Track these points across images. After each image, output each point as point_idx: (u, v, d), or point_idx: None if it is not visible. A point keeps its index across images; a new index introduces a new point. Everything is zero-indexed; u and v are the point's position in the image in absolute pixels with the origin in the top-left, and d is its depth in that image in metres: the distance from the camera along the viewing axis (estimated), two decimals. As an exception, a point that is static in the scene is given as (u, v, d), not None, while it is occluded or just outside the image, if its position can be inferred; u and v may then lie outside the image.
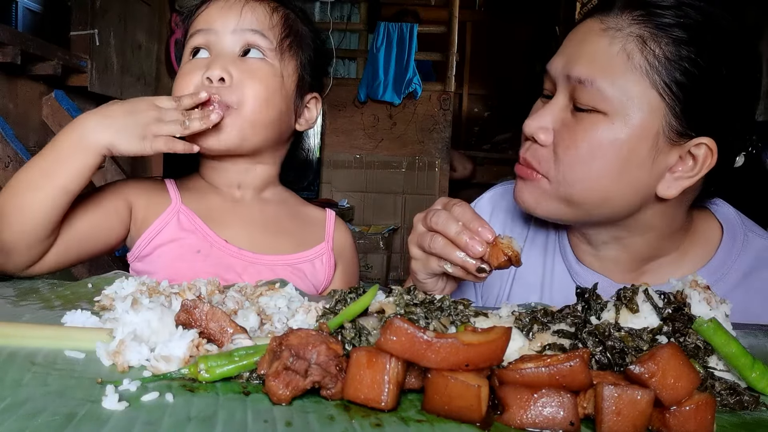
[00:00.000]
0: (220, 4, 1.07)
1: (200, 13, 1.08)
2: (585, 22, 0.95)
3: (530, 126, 0.95)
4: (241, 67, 1.04)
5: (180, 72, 1.07)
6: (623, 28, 0.88)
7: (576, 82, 0.90)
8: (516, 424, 0.51)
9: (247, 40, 1.05)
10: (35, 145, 2.72)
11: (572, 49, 0.93)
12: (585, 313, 0.67)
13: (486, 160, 6.26)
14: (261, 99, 1.03)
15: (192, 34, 1.08)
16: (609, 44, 0.88)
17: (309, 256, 1.12)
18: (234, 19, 1.05)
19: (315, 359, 0.53)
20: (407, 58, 4.85)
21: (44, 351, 0.60)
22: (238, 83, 1.02)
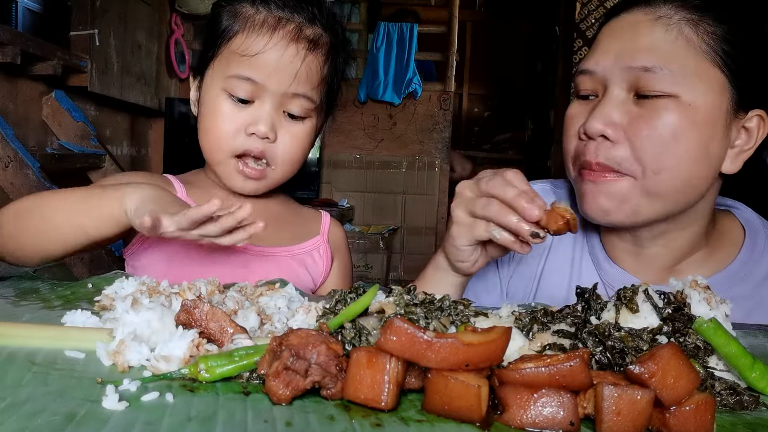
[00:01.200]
0: (276, 53, 1.00)
1: (249, 53, 1.00)
2: (621, 18, 0.96)
3: (595, 125, 0.92)
4: (286, 127, 1.04)
5: (218, 108, 1.02)
6: (672, 15, 0.91)
7: (641, 71, 0.90)
8: (516, 424, 0.51)
9: (296, 105, 1.03)
10: (35, 145, 2.73)
11: (622, 43, 0.93)
12: (585, 313, 0.67)
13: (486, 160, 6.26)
14: (296, 161, 1.08)
15: (236, 75, 1.00)
16: (665, 31, 0.90)
17: (307, 248, 1.16)
18: (289, 80, 1.01)
19: (315, 359, 0.53)
20: (407, 58, 4.85)
21: (44, 351, 0.60)
22: (281, 143, 1.04)
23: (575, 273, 1.08)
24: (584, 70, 0.97)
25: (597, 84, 0.95)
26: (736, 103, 0.91)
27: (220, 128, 1.03)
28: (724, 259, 1.02)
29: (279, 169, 1.06)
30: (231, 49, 1.02)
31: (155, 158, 3.94)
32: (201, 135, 1.06)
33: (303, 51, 1.01)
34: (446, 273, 0.98)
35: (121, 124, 3.58)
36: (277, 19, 1.01)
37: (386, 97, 4.90)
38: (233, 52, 1.01)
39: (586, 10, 5.24)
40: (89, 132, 2.92)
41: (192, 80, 1.12)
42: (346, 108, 5.04)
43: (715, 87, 0.90)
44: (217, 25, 1.05)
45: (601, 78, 0.94)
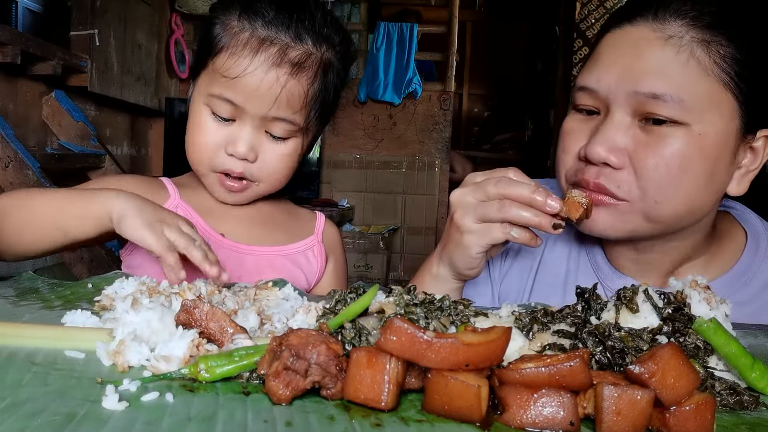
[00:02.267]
0: (255, 78, 0.98)
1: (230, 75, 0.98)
2: (625, 30, 0.90)
3: (598, 152, 0.88)
4: (267, 146, 1.03)
5: (200, 122, 1.02)
6: (683, 34, 0.85)
7: (649, 97, 0.85)
8: (516, 424, 0.51)
9: (278, 128, 1.02)
10: (35, 145, 2.73)
11: (627, 60, 0.87)
12: (585, 313, 0.67)
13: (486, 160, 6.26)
14: (281, 178, 1.08)
15: (217, 95, 1.00)
16: (676, 54, 0.85)
17: (301, 247, 1.16)
18: (268, 105, 0.99)
19: (315, 359, 0.53)
20: (407, 58, 4.85)
21: (44, 351, 0.60)
22: (262, 163, 1.04)
23: (572, 272, 1.06)
24: (585, 87, 0.92)
25: (598, 101, 0.91)
26: (745, 126, 0.88)
27: (201, 142, 1.03)
28: (725, 263, 1.00)
29: (263, 184, 1.07)
30: (215, 66, 1.01)
31: (155, 158, 3.94)
32: (186, 145, 1.07)
33: (284, 76, 0.99)
34: (446, 281, 0.96)
35: (121, 124, 3.58)
36: (260, 41, 0.99)
37: (386, 97, 4.90)
38: (216, 71, 1.00)
39: (586, 10, 5.24)
40: (89, 132, 2.92)
41: (191, 82, 1.13)
42: (346, 108, 5.03)
43: (725, 113, 0.86)
44: (209, 32, 1.04)
45: (604, 97, 0.89)
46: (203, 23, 1.09)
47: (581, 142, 0.92)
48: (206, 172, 1.06)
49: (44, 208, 0.92)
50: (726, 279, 0.99)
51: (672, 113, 0.85)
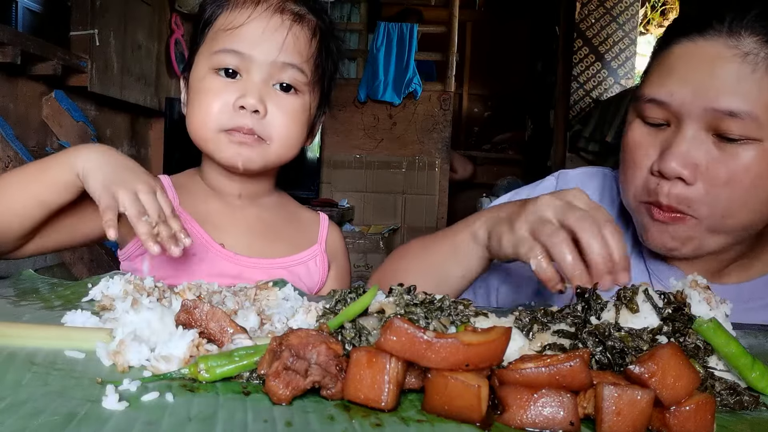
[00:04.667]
0: (260, 24, 0.99)
1: (234, 26, 0.99)
2: (698, 44, 0.88)
3: (673, 167, 0.88)
4: (276, 101, 1.01)
5: (205, 86, 1.01)
6: (758, 51, 0.85)
7: (725, 114, 0.85)
8: (516, 424, 0.51)
9: (286, 76, 1.01)
10: (35, 145, 2.73)
11: (701, 77, 0.87)
12: (585, 313, 0.67)
13: (486, 160, 6.27)
14: (291, 137, 1.04)
15: (222, 49, 0.99)
16: (752, 71, 0.84)
17: (303, 258, 1.13)
18: (275, 49, 0.98)
19: (315, 359, 0.53)
20: (407, 58, 4.86)
21: (44, 351, 0.60)
22: (272, 119, 1.01)
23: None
24: (656, 99, 0.91)
25: (669, 114, 0.90)
26: None
27: (207, 105, 1.00)
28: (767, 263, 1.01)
29: (274, 145, 1.02)
30: (215, 28, 1.01)
31: (155, 158, 3.94)
32: (188, 118, 1.04)
33: (288, 21, 1.00)
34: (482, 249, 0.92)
35: (121, 124, 3.58)
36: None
37: (386, 97, 4.91)
38: (218, 30, 1.00)
39: (586, 10, 5.24)
40: (89, 132, 2.92)
41: (182, 82, 1.11)
42: (346, 108, 5.04)
43: None
44: (202, 15, 1.05)
45: (676, 110, 0.89)
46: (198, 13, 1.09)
47: (651, 157, 0.92)
48: (213, 134, 1.01)
49: (18, 182, 0.91)
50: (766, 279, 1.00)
51: (746, 130, 0.85)
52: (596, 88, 5.27)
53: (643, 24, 5.65)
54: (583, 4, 5.23)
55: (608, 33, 5.23)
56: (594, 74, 5.28)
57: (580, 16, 5.24)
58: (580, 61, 5.28)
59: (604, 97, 5.18)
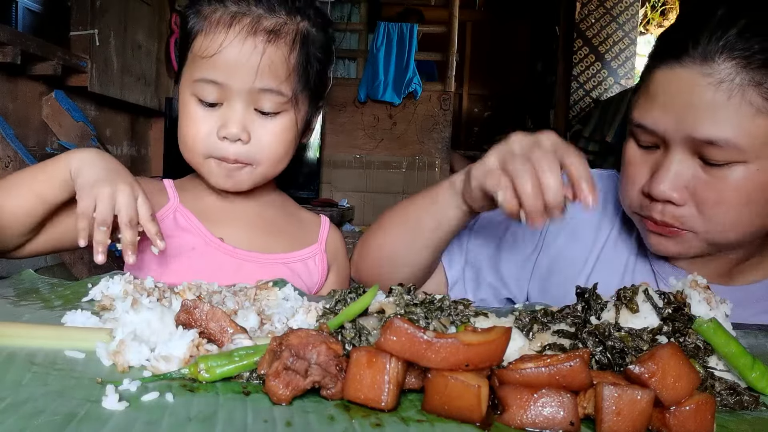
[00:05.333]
0: (233, 50, 0.97)
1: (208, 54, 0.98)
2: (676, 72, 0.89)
3: (662, 190, 0.91)
4: (259, 125, 1.01)
5: (188, 112, 1.01)
6: (734, 77, 0.85)
7: (705, 143, 0.86)
8: (516, 424, 0.51)
9: (265, 101, 1.00)
10: (35, 145, 2.73)
11: (680, 105, 0.88)
12: (585, 313, 0.67)
13: (486, 160, 6.26)
14: (278, 157, 1.04)
15: (200, 79, 0.99)
16: (728, 98, 0.85)
17: (302, 256, 1.13)
18: (251, 76, 0.97)
19: (315, 359, 0.53)
20: (407, 58, 4.86)
21: (44, 351, 0.60)
22: (257, 143, 1.01)
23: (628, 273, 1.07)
24: (643, 125, 0.93)
25: (657, 139, 0.92)
26: None
27: (193, 132, 1.01)
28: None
29: (262, 167, 1.04)
30: (194, 52, 1.00)
31: (155, 158, 3.94)
32: (178, 140, 1.06)
33: (261, 44, 0.98)
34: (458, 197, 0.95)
35: (121, 124, 3.58)
36: (231, 15, 0.98)
37: (386, 97, 4.91)
38: (196, 55, 1.00)
39: (586, 10, 5.24)
40: (89, 132, 2.92)
41: (175, 84, 1.12)
42: (346, 108, 5.04)
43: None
44: (185, 27, 1.04)
45: (662, 137, 0.91)
46: (181, 21, 1.08)
47: (643, 176, 0.95)
48: (201, 160, 1.03)
49: (23, 179, 0.95)
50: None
51: (728, 156, 0.86)
52: (596, 88, 5.28)
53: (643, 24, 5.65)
54: (583, 4, 5.23)
55: (608, 33, 5.23)
56: (594, 74, 5.28)
57: (580, 16, 5.24)
58: (580, 61, 5.28)
59: (604, 97, 5.18)
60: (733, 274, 1.02)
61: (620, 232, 1.10)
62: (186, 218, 1.07)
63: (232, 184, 1.05)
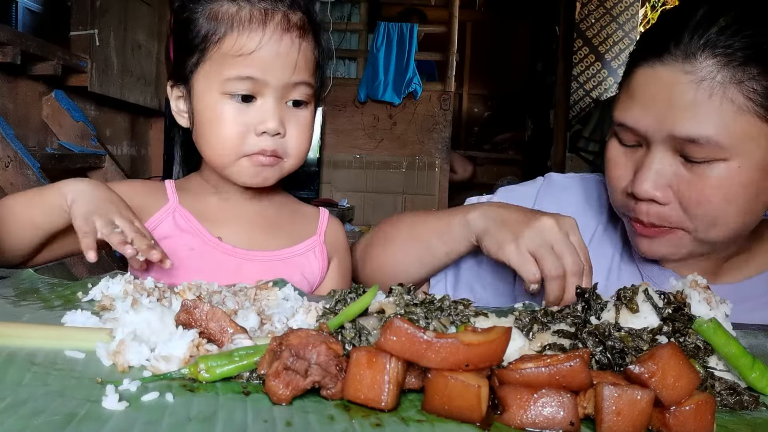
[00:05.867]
0: (272, 48, 0.99)
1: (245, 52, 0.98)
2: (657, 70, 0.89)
3: (645, 189, 0.91)
4: (291, 119, 1.03)
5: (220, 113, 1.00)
6: (714, 75, 0.85)
7: (686, 141, 0.87)
8: (516, 424, 0.51)
9: (298, 93, 1.03)
10: (35, 145, 2.73)
11: (661, 103, 0.88)
12: (585, 313, 0.67)
13: (486, 160, 6.27)
14: (306, 150, 1.08)
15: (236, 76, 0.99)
16: (709, 96, 0.85)
17: (301, 250, 1.14)
18: (289, 71, 1.00)
19: (315, 359, 0.53)
20: (407, 58, 4.85)
21: (44, 351, 0.60)
22: (290, 136, 1.04)
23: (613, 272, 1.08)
24: (624, 124, 0.93)
25: (639, 137, 0.93)
26: None
27: (227, 133, 1.01)
28: (765, 261, 1.03)
29: (290, 160, 1.06)
30: (223, 51, 0.99)
31: (155, 158, 3.94)
32: (204, 141, 1.04)
33: (297, 39, 1.01)
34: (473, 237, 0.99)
35: (121, 124, 3.58)
36: (263, 11, 0.99)
37: (386, 97, 4.90)
38: (226, 54, 0.99)
39: (586, 10, 5.24)
40: (89, 132, 2.92)
41: (170, 89, 1.10)
42: (346, 108, 5.04)
43: (763, 142, 0.87)
44: (193, 29, 1.02)
45: (643, 136, 0.92)
46: (181, 20, 1.06)
47: (627, 176, 0.95)
48: (235, 160, 1.03)
49: (17, 206, 0.98)
50: (765, 277, 1.01)
51: (709, 154, 0.86)
52: (596, 88, 5.28)
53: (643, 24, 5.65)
54: (583, 4, 5.23)
55: (608, 33, 5.23)
56: (594, 74, 5.28)
57: (580, 16, 5.24)
58: (580, 61, 5.28)
59: (604, 97, 5.18)
60: (718, 274, 1.02)
61: (603, 234, 1.10)
62: (185, 219, 1.08)
63: (261, 180, 1.05)
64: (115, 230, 0.88)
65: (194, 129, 1.06)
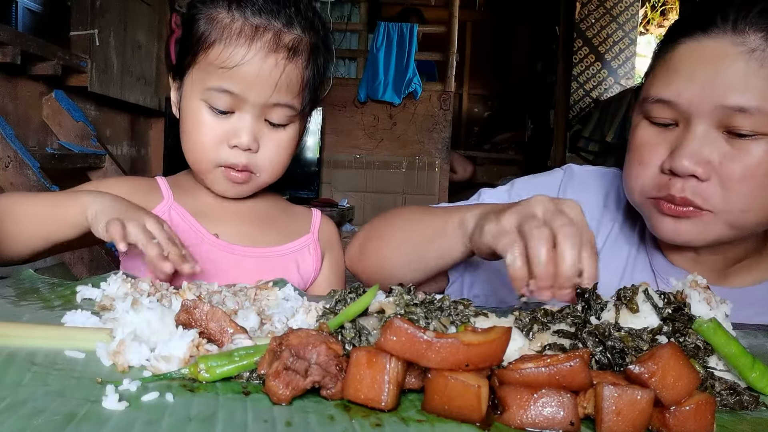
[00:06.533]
0: (255, 65, 0.98)
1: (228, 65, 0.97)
2: (702, 43, 0.89)
3: (686, 165, 0.88)
4: (268, 136, 1.03)
5: (198, 119, 1.01)
6: (765, 47, 0.85)
7: (735, 110, 0.85)
8: (516, 424, 0.51)
9: (277, 114, 1.02)
10: (35, 145, 2.73)
11: (709, 75, 0.87)
12: (585, 313, 0.67)
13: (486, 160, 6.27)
14: (280, 167, 1.07)
15: (216, 88, 0.99)
16: (760, 67, 0.85)
17: (296, 247, 1.15)
18: (269, 91, 0.99)
19: (315, 359, 0.53)
20: (407, 58, 4.86)
21: (44, 351, 0.60)
22: (263, 153, 1.03)
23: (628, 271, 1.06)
24: (663, 99, 0.91)
25: (677, 114, 0.90)
26: None
27: (202, 140, 1.02)
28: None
29: (264, 175, 1.06)
30: (209, 59, 0.99)
31: (155, 158, 3.94)
32: (184, 143, 1.06)
33: (282, 61, 0.99)
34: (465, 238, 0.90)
35: (121, 124, 3.58)
36: (254, 28, 0.98)
37: (386, 97, 4.91)
38: (211, 63, 0.99)
39: (586, 10, 5.24)
40: (89, 132, 2.92)
41: (172, 81, 1.10)
42: (346, 108, 5.04)
43: None
44: (193, 29, 1.03)
45: (684, 110, 0.89)
46: (187, 17, 1.06)
47: (661, 155, 0.92)
48: (209, 168, 1.05)
49: (27, 215, 0.96)
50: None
51: (757, 125, 0.85)
52: (596, 88, 5.28)
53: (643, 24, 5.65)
54: (583, 4, 5.23)
55: (608, 33, 5.23)
56: (594, 74, 5.28)
57: (580, 16, 5.25)
58: (580, 61, 5.28)
59: (604, 97, 5.19)
60: (728, 273, 1.01)
61: (620, 232, 1.09)
62: (181, 216, 1.08)
63: (235, 193, 1.08)
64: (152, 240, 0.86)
65: (180, 125, 1.07)
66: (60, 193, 0.98)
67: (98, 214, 0.89)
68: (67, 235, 0.95)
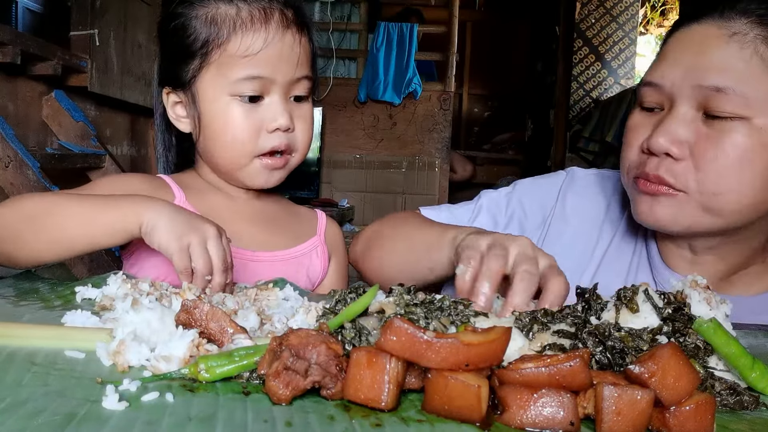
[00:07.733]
0: (277, 46, 1.00)
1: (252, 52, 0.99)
2: (691, 29, 0.92)
3: (660, 143, 0.90)
4: (297, 113, 1.06)
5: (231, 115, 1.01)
6: (747, 31, 0.87)
7: (712, 90, 0.87)
8: (516, 424, 0.51)
9: (301, 88, 1.05)
10: (35, 145, 2.73)
11: (691, 57, 0.90)
12: (585, 313, 0.67)
13: (486, 160, 6.27)
14: (310, 141, 1.10)
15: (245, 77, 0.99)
16: (740, 49, 0.87)
17: (304, 249, 1.15)
18: (294, 67, 1.02)
19: (315, 359, 0.53)
20: (407, 58, 4.85)
21: (44, 351, 0.60)
22: (297, 131, 1.06)
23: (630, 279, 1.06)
24: (650, 82, 0.94)
25: (663, 97, 0.93)
26: None
27: (239, 134, 1.02)
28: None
29: (298, 155, 1.09)
30: (228, 53, 0.99)
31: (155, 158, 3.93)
32: (213, 148, 1.05)
33: (297, 35, 1.03)
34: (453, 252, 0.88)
35: (121, 124, 3.58)
36: (262, 10, 1.01)
37: (386, 97, 4.91)
38: (232, 56, 0.99)
39: (586, 10, 5.24)
40: (89, 132, 2.92)
41: (165, 96, 1.08)
42: (346, 108, 5.04)
43: None
44: (191, 35, 1.01)
45: (668, 92, 0.92)
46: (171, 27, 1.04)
47: (644, 135, 0.95)
48: (247, 161, 1.04)
49: (74, 217, 0.89)
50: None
51: (734, 107, 0.86)
52: (596, 88, 5.28)
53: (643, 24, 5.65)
54: (583, 4, 5.23)
55: (608, 33, 5.23)
56: (594, 74, 5.28)
57: (580, 16, 5.24)
58: (580, 61, 5.28)
59: (604, 97, 5.18)
60: (731, 280, 1.00)
61: (622, 239, 1.09)
62: None
63: (274, 181, 1.08)
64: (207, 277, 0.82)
65: (201, 133, 1.05)
66: (106, 198, 0.92)
67: (157, 226, 0.84)
68: (115, 241, 0.90)
